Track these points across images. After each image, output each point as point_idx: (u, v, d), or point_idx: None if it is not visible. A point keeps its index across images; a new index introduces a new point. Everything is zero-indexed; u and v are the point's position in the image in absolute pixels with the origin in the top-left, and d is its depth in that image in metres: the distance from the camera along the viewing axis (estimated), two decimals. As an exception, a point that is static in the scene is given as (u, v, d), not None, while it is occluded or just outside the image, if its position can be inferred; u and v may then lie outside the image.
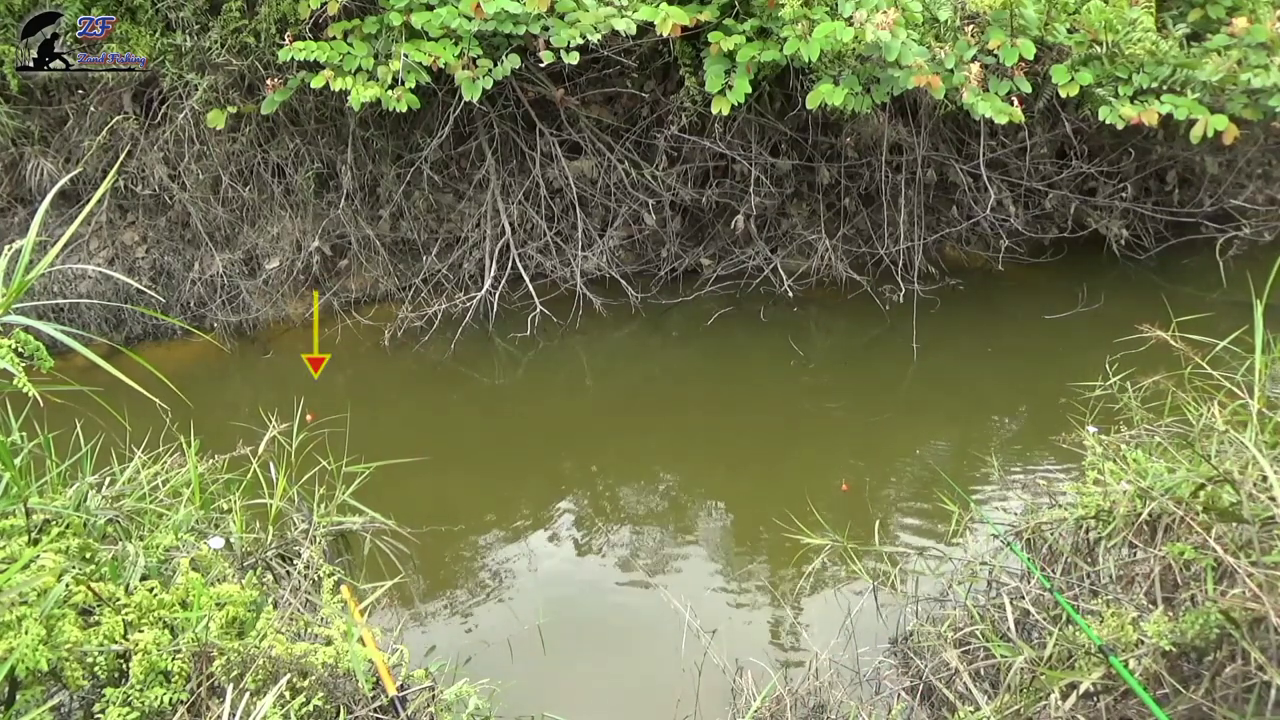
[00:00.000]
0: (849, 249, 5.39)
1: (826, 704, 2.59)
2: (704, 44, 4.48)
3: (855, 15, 3.96)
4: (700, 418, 4.57)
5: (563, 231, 5.34)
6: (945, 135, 5.22)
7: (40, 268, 2.09)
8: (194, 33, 4.53)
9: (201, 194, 4.97)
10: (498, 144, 5.14)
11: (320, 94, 4.51)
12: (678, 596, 3.17)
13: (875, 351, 5.03)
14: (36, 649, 1.79)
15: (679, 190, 5.27)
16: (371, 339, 5.06)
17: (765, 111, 5.12)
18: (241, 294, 5.08)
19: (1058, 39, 4.29)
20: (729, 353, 5.00)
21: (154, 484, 2.71)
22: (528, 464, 4.25)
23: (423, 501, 3.80)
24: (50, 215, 4.74)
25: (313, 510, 2.83)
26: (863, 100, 4.28)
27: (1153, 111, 4.20)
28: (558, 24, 4.29)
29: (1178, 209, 5.38)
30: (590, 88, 5.08)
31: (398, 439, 4.28)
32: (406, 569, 3.00)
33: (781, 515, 3.32)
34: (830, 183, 5.31)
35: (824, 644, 2.79)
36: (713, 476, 4.11)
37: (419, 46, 4.27)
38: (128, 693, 1.91)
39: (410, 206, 5.25)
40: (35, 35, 4.46)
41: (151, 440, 2.93)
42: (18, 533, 2.14)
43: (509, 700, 2.56)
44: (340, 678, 2.14)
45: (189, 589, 2.08)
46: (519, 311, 5.12)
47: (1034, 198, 5.39)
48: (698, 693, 2.77)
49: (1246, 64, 4.24)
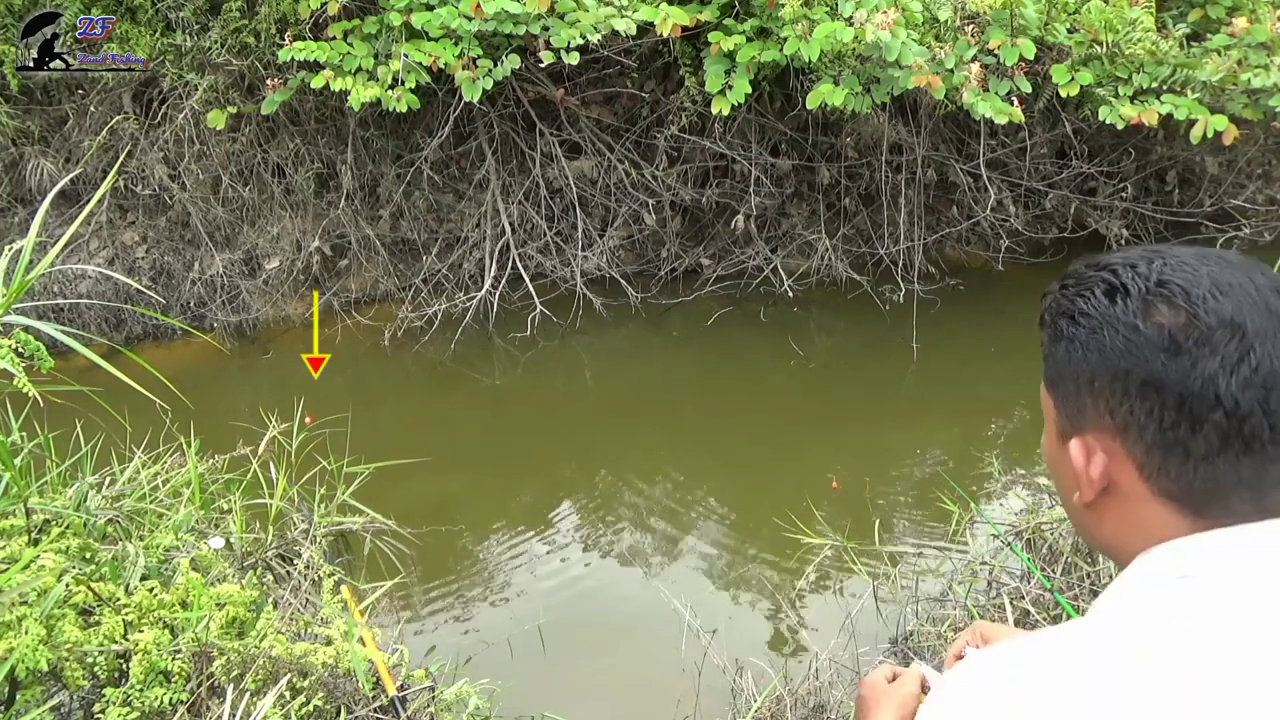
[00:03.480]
0: (849, 249, 5.39)
1: (826, 704, 2.59)
2: (704, 44, 4.48)
3: (855, 15, 3.96)
4: (700, 417, 4.57)
5: (563, 231, 5.34)
6: (945, 135, 5.22)
7: (40, 268, 2.09)
8: (194, 33, 4.53)
9: (201, 194, 4.97)
10: (498, 144, 5.14)
11: (320, 94, 4.51)
12: (678, 596, 3.17)
13: (875, 351, 5.03)
14: (36, 649, 1.79)
15: (679, 190, 5.27)
16: (371, 339, 5.06)
17: (765, 111, 5.12)
18: (241, 294, 5.08)
19: (1058, 39, 4.29)
20: (729, 353, 5.00)
21: (154, 484, 2.71)
22: (528, 464, 4.25)
23: (423, 501, 3.80)
24: (50, 215, 4.74)
25: (313, 510, 2.84)
26: (863, 100, 4.28)
27: (1153, 111, 4.20)
28: (558, 24, 4.29)
29: (1178, 209, 5.38)
30: (590, 88, 5.08)
31: (398, 439, 4.28)
32: (407, 569, 3.00)
33: (781, 515, 3.32)
34: (830, 183, 5.31)
35: (824, 644, 2.80)
36: (712, 476, 4.11)
37: (419, 46, 4.27)
38: (128, 693, 1.91)
39: (410, 206, 5.25)
40: (35, 35, 4.46)
41: (151, 440, 2.94)
42: (18, 533, 2.14)
43: (509, 700, 2.56)
44: (340, 678, 2.14)
45: (189, 589, 2.08)
46: (519, 311, 5.12)
47: (1034, 198, 5.39)
48: (698, 693, 2.77)
49: (1246, 64, 4.24)
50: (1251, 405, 0.69)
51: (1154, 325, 0.71)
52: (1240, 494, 0.71)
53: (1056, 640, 0.72)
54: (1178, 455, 0.71)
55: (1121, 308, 0.73)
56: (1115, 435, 0.74)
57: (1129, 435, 0.73)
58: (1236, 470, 0.70)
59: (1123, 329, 0.73)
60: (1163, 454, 0.72)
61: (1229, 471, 0.71)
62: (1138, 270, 0.74)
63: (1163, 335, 0.71)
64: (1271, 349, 0.69)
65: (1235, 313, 0.70)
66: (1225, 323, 0.70)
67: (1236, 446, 0.70)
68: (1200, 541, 0.71)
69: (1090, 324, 0.75)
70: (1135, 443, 0.73)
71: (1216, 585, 0.69)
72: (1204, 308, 0.70)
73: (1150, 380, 0.71)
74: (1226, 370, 0.69)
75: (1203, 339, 0.70)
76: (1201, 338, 0.70)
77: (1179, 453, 0.71)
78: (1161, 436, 0.72)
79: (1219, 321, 0.70)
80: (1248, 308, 0.70)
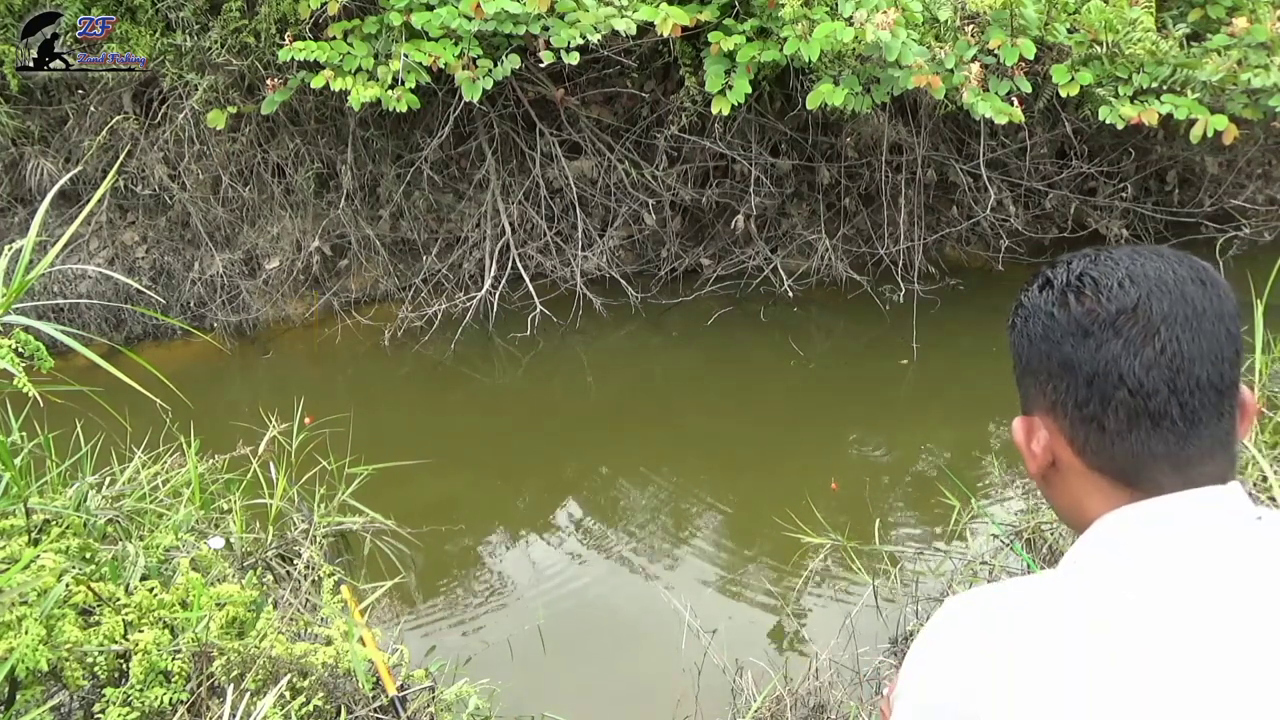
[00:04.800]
0: (849, 249, 5.39)
1: (826, 704, 2.59)
2: (704, 44, 4.48)
3: (855, 15, 3.96)
4: (700, 417, 4.57)
5: (563, 231, 5.34)
6: (945, 135, 5.22)
7: (40, 268, 2.09)
8: (194, 33, 4.53)
9: (201, 194, 4.97)
10: (498, 144, 5.14)
11: (320, 94, 4.51)
12: (678, 596, 3.17)
13: (875, 351, 5.03)
14: (36, 649, 1.79)
15: (679, 190, 5.27)
16: (371, 339, 5.06)
17: (765, 111, 5.12)
18: (241, 294, 5.08)
19: (1058, 39, 4.29)
20: (729, 352, 5.00)
21: (154, 484, 2.72)
22: (528, 464, 4.25)
23: (423, 501, 3.80)
24: (50, 215, 4.74)
25: (313, 510, 2.84)
26: (863, 100, 4.28)
27: (1153, 111, 4.20)
28: (558, 24, 4.29)
29: (1178, 209, 5.37)
30: (590, 88, 5.08)
31: (398, 439, 4.28)
32: (407, 569, 3.00)
33: (781, 515, 3.32)
34: (830, 183, 5.31)
35: (824, 644, 2.80)
36: (712, 476, 4.11)
37: (419, 46, 4.27)
38: (128, 693, 1.92)
39: (410, 206, 5.25)
40: (35, 35, 4.46)
41: (151, 440, 2.94)
42: (18, 533, 2.14)
43: (509, 700, 2.56)
44: (340, 678, 2.14)
45: (189, 589, 2.09)
46: (519, 311, 5.12)
47: (1034, 198, 5.39)
48: (698, 693, 2.77)
49: (1246, 64, 4.24)
50: (1157, 384, 0.76)
51: (1065, 312, 0.80)
52: (1161, 468, 0.78)
53: (1025, 597, 0.78)
54: (1095, 430, 0.79)
55: (1045, 297, 0.82)
56: (1049, 413, 0.83)
57: (1058, 413, 0.82)
58: (1150, 445, 0.77)
59: (1043, 316, 0.82)
60: (1084, 430, 0.80)
61: (1143, 446, 0.78)
62: (1069, 266, 0.83)
63: (1071, 320, 0.79)
64: (1180, 333, 0.76)
65: (1142, 299, 0.77)
66: (1128, 309, 0.77)
67: (1145, 423, 0.77)
68: (1143, 509, 0.78)
69: (1024, 313, 0.84)
70: (1063, 419, 0.81)
71: (1157, 555, 0.75)
72: (1108, 295, 0.78)
73: (1064, 362, 0.80)
74: (1130, 352, 0.76)
75: (1106, 323, 0.77)
76: (1105, 322, 0.77)
77: (1096, 428, 0.79)
78: (1079, 412, 0.80)
79: (1120, 309, 0.77)
80: (1158, 295, 0.77)
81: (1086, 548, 0.80)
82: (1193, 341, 0.76)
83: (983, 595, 0.79)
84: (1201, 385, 0.76)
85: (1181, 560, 0.74)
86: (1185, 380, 0.76)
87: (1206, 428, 0.77)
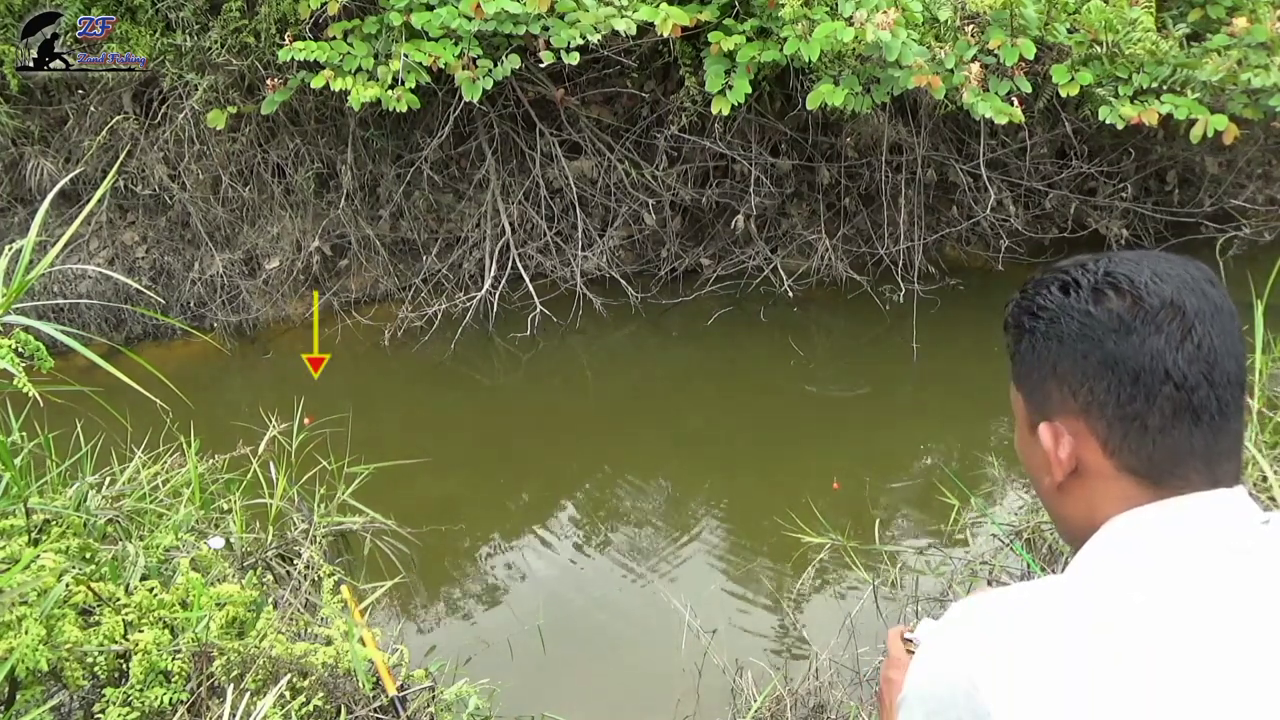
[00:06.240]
0: (849, 249, 5.39)
1: (826, 704, 2.59)
2: (704, 44, 4.48)
3: (855, 15, 3.96)
4: (700, 417, 4.57)
5: (563, 231, 5.34)
6: (945, 135, 5.22)
7: (40, 268, 2.09)
8: (194, 33, 4.53)
9: (201, 194, 4.97)
10: (498, 144, 5.14)
11: (320, 94, 4.51)
12: (678, 596, 3.17)
13: (875, 351, 5.02)
14: (36, 649, 1.79)
15: (679, 190, 5.27)
16: (371, 339, 5.06)
17: (765, 111, 5.12)
18: (241, 294, 5.08)
19: (1058, 39, 4.29)
20: (729, 352, 5.00)
21: (154, 484, 2.71)
22: (528, 464, 4.25)
23: (423, 501, 3.80)
24: (50, 215, 4.74)
25: (313, 510, 2.84)
26: (863, 100, 4.28)
27: (1153, 111, 4.20)
28: (558, 24, 4.29)
29: (1178, 209, 5.37)
30: (590, 88, 5.08)
31: (398, 439, 4.28)
32: (407, 569, 3.00)
33: (781, 515, 3.32)
34: (830, 183, 5.31)
35: (824, 644, 2.80)
36: (712, 476, 4.11)
37: (419, 46, 4.27)
38: (128, 693, 1.92)
39: (410, 206, 5.25)
40: (35, 35, 4.46)
41: (151, 440, 2.94)
42: (18, 533, 2.14)
43: (509, 700, 2.56)
44: (340, 678, 2.14)
45: (189, 589, 2.09)
46: (519, 311, 5.12)
47: (1034, 198, 5.39)
48: (698, 693, 2.78)
49: (1246, 64, 4.24)
50: (1198, 379, 0.76)
51: (1104, 309, 0.79)
52: (1194, 464, 0.78)
53: (1028, 600, 0.77)
54: (1136, 428, 0.78)
55: (1075, 298, 0.81)
56: (1079, 416, 0.81)
57: (1091, 414, 0.80)
58: (1190, 441, 0.77)
59: (1077, 315, 0.80)
60: (1123, 428, 0.79)
61: (1184, 442, 0.77)
62: (1086, 267, 0.82)
63: (1112, 317, 0.78)
64: (1210, 328, 0.77)
65: (1175, 295, 0.77)
66: (1166, 303, 0.77)
67: (1188, 418, 0.77)
68: (1157, 510, 0.78)
69: (1049, 315, 0.82)
70: (1098, 420, 0.80)
71: (1166, 556, 0.75)
72: (1146, 291, 0.78)
73: (1105, 359, 0.78)
74: (1172, 346, 0.76)
75: (1148, 318, 0.77)
76: (1147, 316, 0.77)
77: (1138, 426, 0.78)
78: (1120, 411, 0.78)
79: (1161, 303, 0.77)
80: (1185, 291, 0.78)
81: (1094, 550, 0.80)
82: (1220, 337, 0.77)
83: (985, 599, 0.79)
84: (1230, 380, 0.77)
85: (1189, 563, 0.74)
86: (1219, 374, 0.77)
87: (1233, 422, 0.78)
